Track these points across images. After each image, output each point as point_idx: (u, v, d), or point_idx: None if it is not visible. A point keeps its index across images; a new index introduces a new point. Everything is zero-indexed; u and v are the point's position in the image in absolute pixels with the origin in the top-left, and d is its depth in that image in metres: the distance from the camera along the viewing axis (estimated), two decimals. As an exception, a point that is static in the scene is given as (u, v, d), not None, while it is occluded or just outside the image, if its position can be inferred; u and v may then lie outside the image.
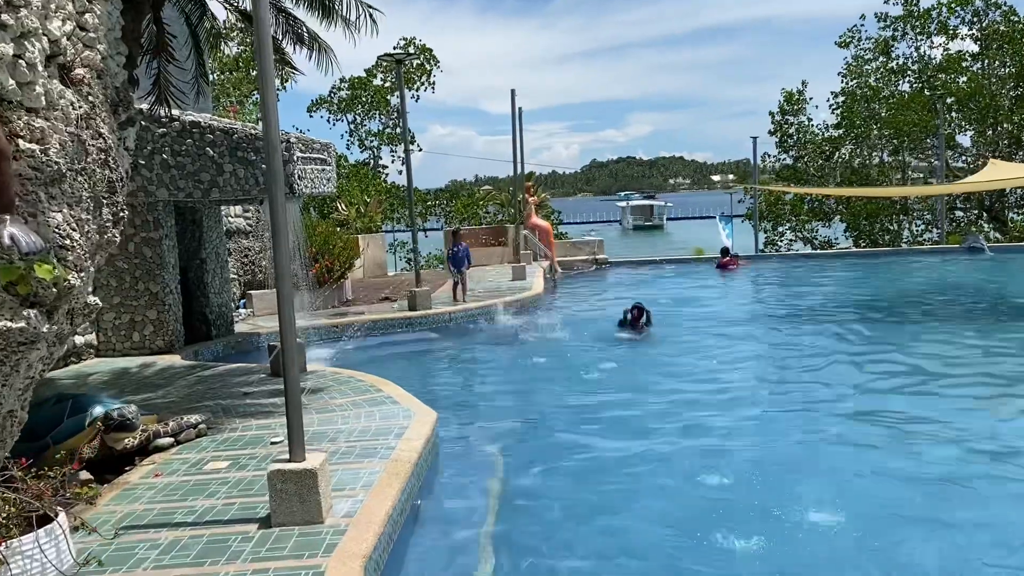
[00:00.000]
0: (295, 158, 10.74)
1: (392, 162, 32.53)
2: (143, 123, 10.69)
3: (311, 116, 32.92)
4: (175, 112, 10.31)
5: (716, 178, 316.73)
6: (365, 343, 12.87)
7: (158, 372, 9.94)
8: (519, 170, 18.86)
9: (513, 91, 18.17)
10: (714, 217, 52.68)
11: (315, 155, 11.58)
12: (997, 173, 17.28)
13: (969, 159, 31.90)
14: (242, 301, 14.69)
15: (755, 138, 26.32)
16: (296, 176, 10.74)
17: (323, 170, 11.76)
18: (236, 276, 14.61)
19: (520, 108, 19.41)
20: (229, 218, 14.50)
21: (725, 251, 22.36)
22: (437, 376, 10.81)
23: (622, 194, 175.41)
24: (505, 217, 24.33)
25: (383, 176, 31.85)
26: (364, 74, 32.42)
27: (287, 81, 31.03)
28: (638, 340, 12.37)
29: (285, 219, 5.07)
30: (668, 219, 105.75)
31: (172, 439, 6.94)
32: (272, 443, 6.72)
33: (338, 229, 18.30)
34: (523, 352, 12.16)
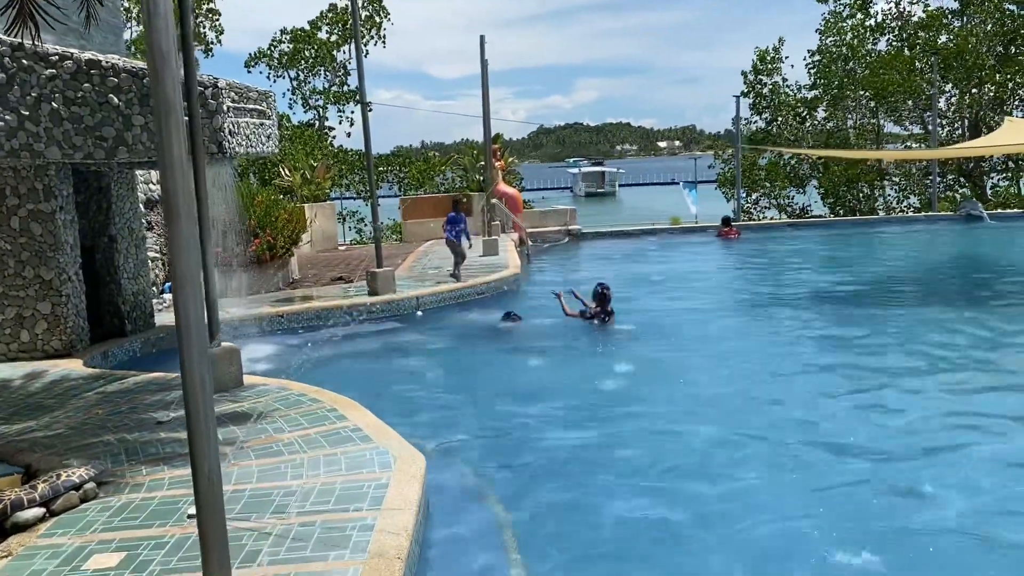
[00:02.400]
0: (224, 108, 8.44)
1: (340, 123, 29.97)
2: (23, 60, 8.29)
3: (249, 72, 30.15)
4: (70, 49, 7.95)
5: (663, 144, 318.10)
6: (316, 337, 10.67)
7: (47, 387, 7.66)
8: (488, 131, 16.67)
9: (483, 38, 15.94)
10: (676, 183, 51.11)
11: (251, 106, 9.28)
12: (1018, 135, 15.62)
13: (946, 123, 30.57)
14: (167, 285, 12.33)
15: (738, 96, 24.43)
16: (226, 131, 8.45)
17: (261, 125, 9.46)
18: (159, 255, 12.24)
19: (486, 61, 17.15)
20: (149, 185, 12.09)
21: (727, 220, 20.55)
22: (407, 382, 8.68)
23: (571, 160, 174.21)
24: (468, 184, 22.11)
25: (330, 139, 29.29)
26: (308, 26, 29.68)
27: (221, 34, 28.24)
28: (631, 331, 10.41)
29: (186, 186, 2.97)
30: (620, 186, 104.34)
31: (43, 509, 4.76)
32: (189, 517, 4.57)
33: (282, 198, 15.93)
34: (510, 347, 10.12)
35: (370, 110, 11.30)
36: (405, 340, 10.52)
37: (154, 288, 11.05)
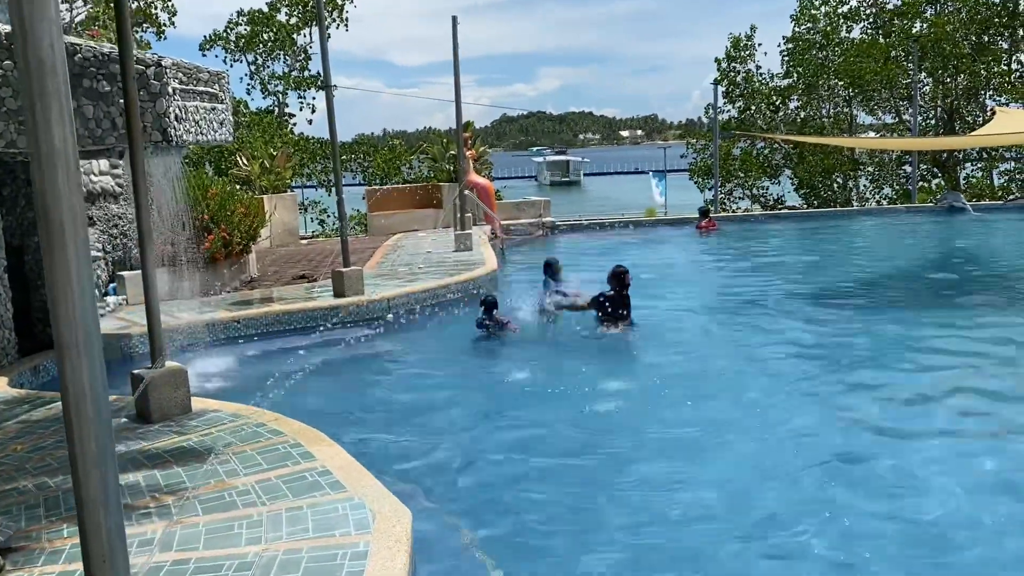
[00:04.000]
0: (170, 91, 7.39)
1: (300, 110, 28.71)
2: (-70, 34, 7.16)
3: (204, 55, 28.71)
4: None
5: (625, 134, 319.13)
6: (275, 346, 9.66)
7: (-40, 414, 6.59)
8: (460, 117, 15.68)
9: (455, 19, 14.91)
10: (642, 173, 50.43)
11: (201, 88, 8.23)
12: (1013, 124, 15.04)
13: (921, 114, 30.19)
14: (111, 286, 11.22)
15: (715, 84, 23.67)
16: (172, 116, 7.40)
17: (213, 110, 8.41)
18: (102, 253, 11.12)
19: (458, 44, 16.13)
20: (90, 176, 10.95)
21: (705, 212, 19.79)
22: (379, 404, 7.72)
23: (535, 149, 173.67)
24: (437, 174, 21.10)
25: (290, 126, 28.04)
26: (266, 7, 28.33)
27: (174, 16, 26.83)
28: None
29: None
30: (585, 175, 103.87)
31: (-72, 593, 3.78)
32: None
33: (239, 189, 14.82)
34: (490, 357, 9.22)
35: (335, 91, 10.27)
36: (375, 350, 9.55)
37: (96, 291, 9.94)
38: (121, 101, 7.19)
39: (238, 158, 18.47)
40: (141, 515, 4.53)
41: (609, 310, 9.57)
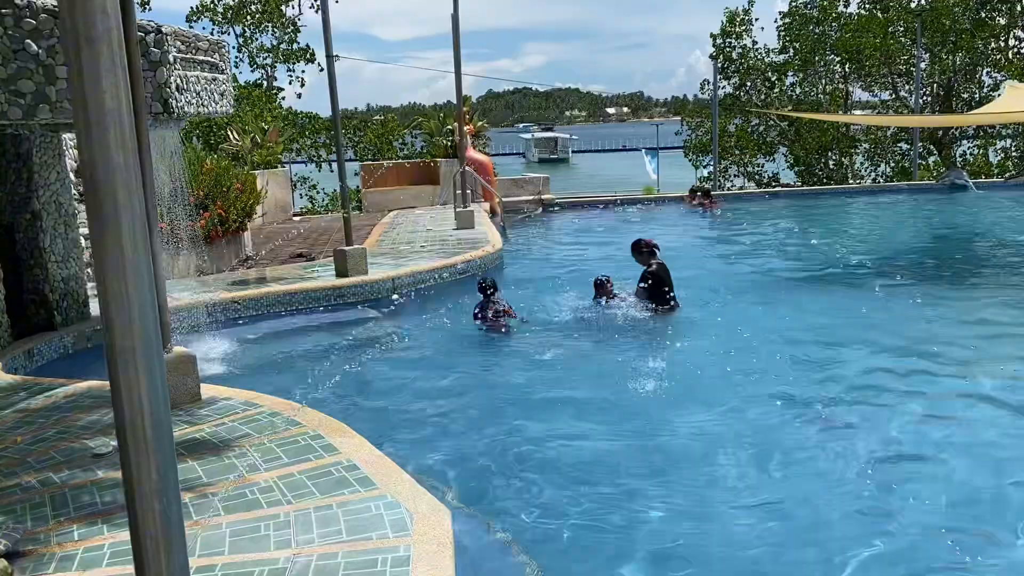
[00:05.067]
0: (170, 59, 6.97)
1: (289, 83, 28.08)
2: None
3: (191, 26, 27.92)
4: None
5: (612, 111, 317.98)
6: (278, 327, 9.31)
7: (-47, 402, 6.22)
8: (458, 90, 15.24)
9: (455, -14, 14.43)
10: (635, 150, 50.17)
11: (201, 57, 7.81)
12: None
13: (912, 88, 29.92)
14: (104, 265, 10.80)
15: (714, 59, 23.27)
16: (172, 87, 6.99)
17: (214, 80, 7.99)
18: (94, 231, 10.69)
19: (457, 10, 15.65)
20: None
21: (704, 191, 19.46)
22: (393, 391, 7.36)
23: (521, 126, 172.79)
24: (432, 149, 20.62)
25: (279, 100, 27.42)
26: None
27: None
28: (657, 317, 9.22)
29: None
30: (573, 152, 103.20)
31: (-70, 606, 3.45)
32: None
33: (232, 164, 14.36)
34: (505, 340, 8.89)
35: (337, 60, 9.85)
36: (382, 332, 9.19)
37: (88, 271, 9.53)
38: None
39: (228, 132, 17.96)
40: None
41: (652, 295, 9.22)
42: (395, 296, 10.47)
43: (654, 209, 19.62)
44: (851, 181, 28.14)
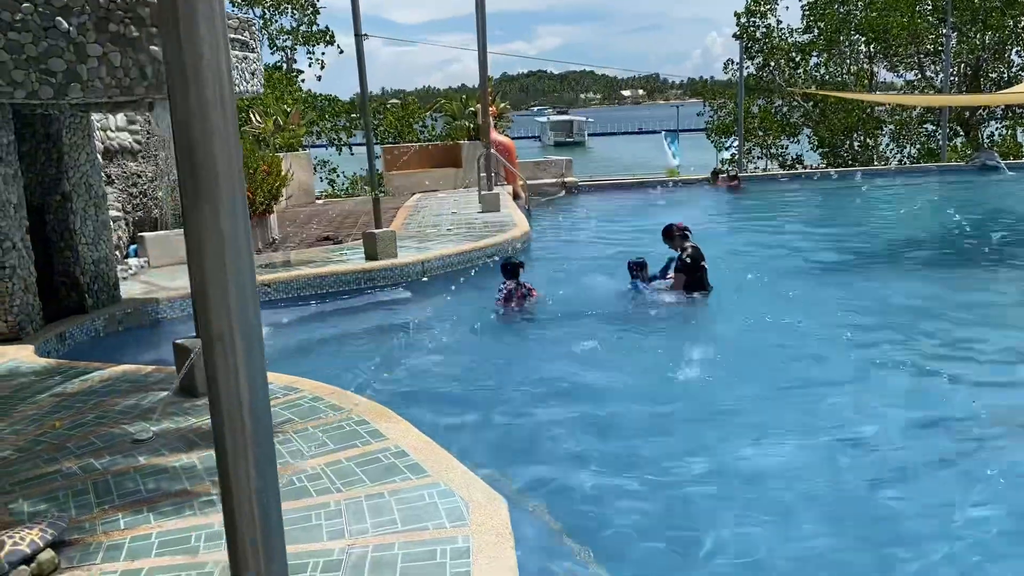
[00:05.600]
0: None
1: (309, 65, 27.88)
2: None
3: (209, 11, 27.68)
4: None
5: (627, 93, 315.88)
6: (309, 311, 9.20)
7: (-11, 386, 6.13)
8: (483, 71, 15.03)
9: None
10: (651, 133, 49.53)
11: (231, 35, 7.66)
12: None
13: (940, 68, 29.41)
14: (132, 248, 10.73)
15: (740, 39, 22.89)
16: (207, 65, 6.86)
17: (245, 59, 7.85)
18: (122, 214, 10.60)
19: (482, -5, 15.42)
20: (107, 133, 10.40)
21: (733, 175, 19.24)
22: (429, 375, 7.23)
23: (536, 109, 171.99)
24: (451, 132, 20.38)
25: (299, 82, 27.24)
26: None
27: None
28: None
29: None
30: (589, 135, 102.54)
31: (-21, 596, 3.35)
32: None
33: (256, 147, 14.23)
34: (538, 322, 8.74)
35: (366, 39, 9.68)
36: (414, 315, 9.06)
37: (117, 252, 9.45)
38: (152, 48, 6.64)
39: (250, 115, 17.81)
40: (204, 503, 4.09)
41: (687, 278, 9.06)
42: (424, 279, 10.34)
43: (679, 191, 19.37)
44: (877, 163, 27.73)
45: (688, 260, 9.03)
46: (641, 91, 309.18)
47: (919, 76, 28.96)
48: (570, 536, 4.41)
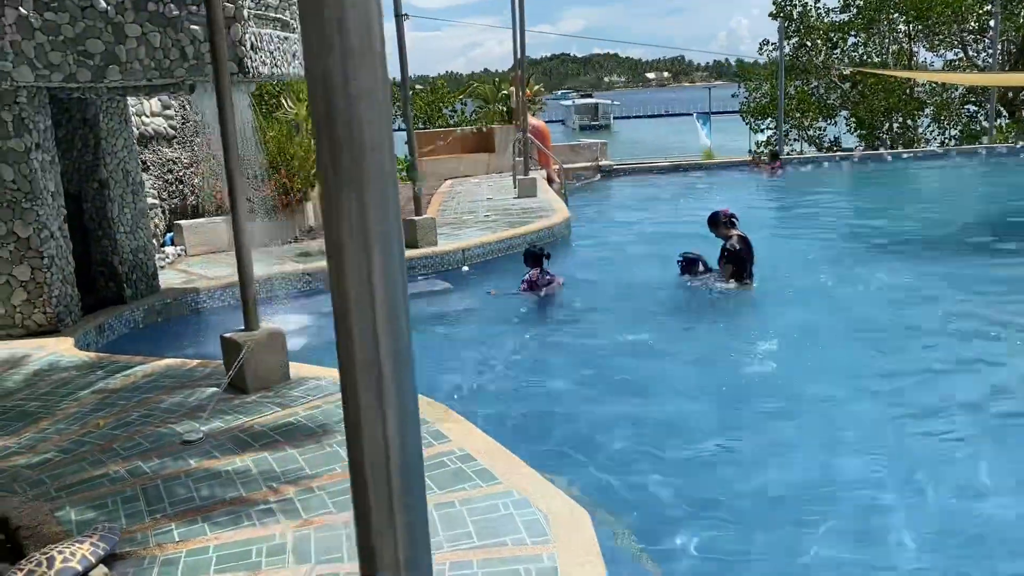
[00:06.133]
0: (245, 15, 6.53)
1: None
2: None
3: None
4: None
5: (651, 76, 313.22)
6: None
7: (29, 381, 5.90)
8: (520, 51, 14.66)
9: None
10: (679, 116, 48.82)
11: (272, 15, 7.36)
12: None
13: (982, 48, 28.59)
14: (168, 236, 10.52)
15: (780, 18, 22.28)
16: (248, 45, 6.56)
17: (286, 39, 7.55)
18: (158, 201, 10.39)
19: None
20: (141, 118, 10.17)
21: (775, 154, 18.79)
22: (480, 369, 6.91)
23: (559, 92, 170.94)
24: (483, 117, 20.02)
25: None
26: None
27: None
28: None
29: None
30: (615, 119, 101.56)
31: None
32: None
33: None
34: (583, 312, 8.42)
35: (407, 19, 9.35)
36: (457, 305, 8.77)
37: (154, 241, 9.23)
38: (192, 28, 6.36)
39: (282, 100, 17.54)
40: (262, 511, 3.83)
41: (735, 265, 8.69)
42: (465, 268, 10.05)
43: (717, 174, 18.92)
44: (919, 145, 27.04)
45: (736, 248, 8.66)
46: (666, 73, 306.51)
47: (960, 56, 28.17)
48: (651, 551, 4.11)
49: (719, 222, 8.96)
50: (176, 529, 3.73)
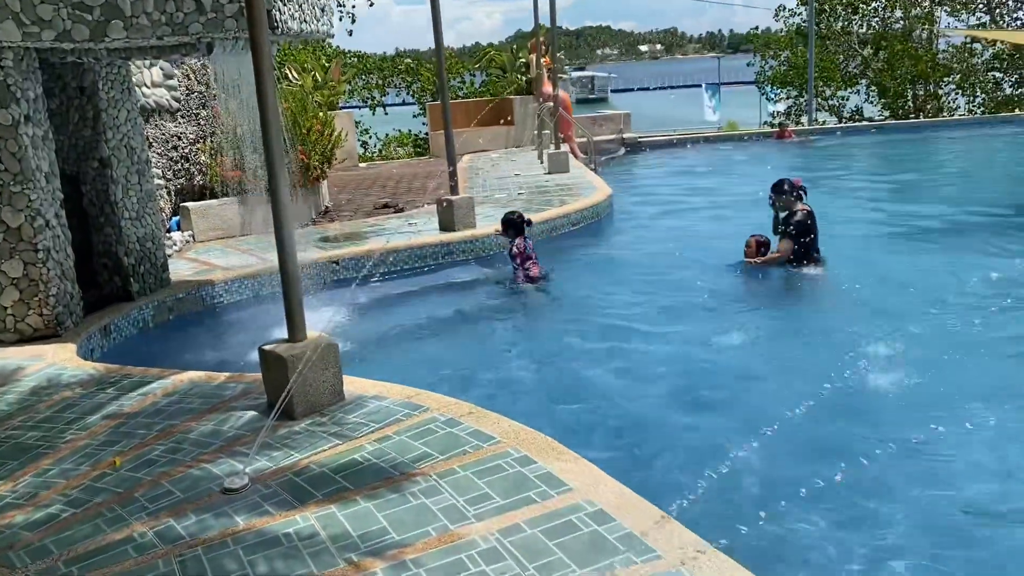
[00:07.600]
0: (273, -41, 5.47)
1: (340, 19, 26.30)
2: None
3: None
4: None
5: (644, 48, 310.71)
6: (382, 292, 7.93)
7: (24, 403, 4.88)
8: (554, 14, 13.57)
9: None
10: (696, 86, 47.90)
11: (300, -37, 6.28)
12: None
13: (1006, 11, 27.54)
14: (174, 220, 9.48)
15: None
16: (278, -4, 5.51)
17: (315, -7, 6.48)
18: (163, 181, 9.33)
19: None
20: (142, 89, 9.08)
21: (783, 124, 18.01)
22: (540, 374, 5.93)
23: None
24: (505, 86, 18.88)
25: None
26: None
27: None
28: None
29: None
30: (612, 91, 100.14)
31: None
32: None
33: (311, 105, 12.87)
34: (658, 306, 7.45)
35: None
36: (507, 296, 7.77)
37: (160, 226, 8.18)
38: (211, -27, 5.30)
39: (288, 71, 16.42)
40: (345, 599, 2.85)
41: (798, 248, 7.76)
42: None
43: (745, 147, 17.92)
44: (944, 114, 26.06)
45: (800, 223, 7.70)
46: (659, 46, 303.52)
47: (989, 19, 27.11)
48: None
49: (784, 191, 8.00)
50: (231, 629, 2.76)
